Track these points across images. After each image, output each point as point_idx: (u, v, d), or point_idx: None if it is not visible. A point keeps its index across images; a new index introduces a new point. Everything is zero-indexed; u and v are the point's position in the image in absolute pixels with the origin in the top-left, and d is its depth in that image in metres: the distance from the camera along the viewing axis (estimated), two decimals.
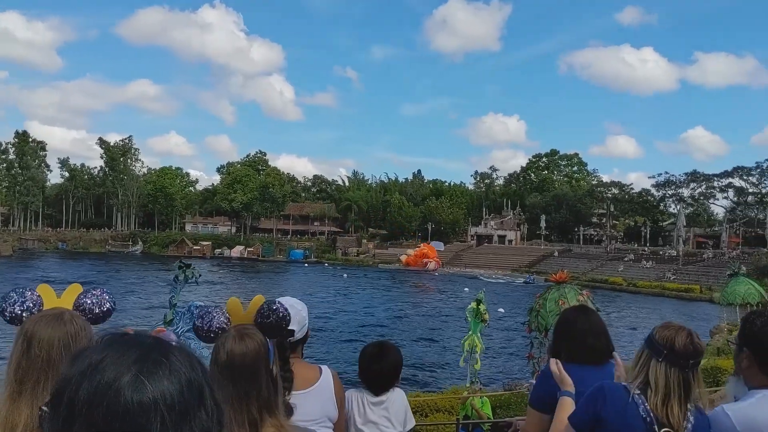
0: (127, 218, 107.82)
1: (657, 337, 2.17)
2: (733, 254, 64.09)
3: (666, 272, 62.48)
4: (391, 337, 27.01)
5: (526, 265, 77.08)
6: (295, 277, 64.51)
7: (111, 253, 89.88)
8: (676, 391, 2.08)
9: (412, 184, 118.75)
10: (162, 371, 0.79)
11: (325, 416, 2.78)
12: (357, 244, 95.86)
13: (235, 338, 1.91)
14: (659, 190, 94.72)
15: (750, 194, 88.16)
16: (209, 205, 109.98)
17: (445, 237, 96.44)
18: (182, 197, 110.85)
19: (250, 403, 1.81)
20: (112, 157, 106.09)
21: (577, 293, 10.83)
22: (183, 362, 0.82)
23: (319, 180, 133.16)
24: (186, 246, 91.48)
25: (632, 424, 2.10)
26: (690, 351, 2.11)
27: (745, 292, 20.47)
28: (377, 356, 3.43)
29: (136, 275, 56.58)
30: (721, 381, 14.74)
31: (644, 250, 76.66)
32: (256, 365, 1.86)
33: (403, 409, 3.48)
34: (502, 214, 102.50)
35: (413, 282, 62.55)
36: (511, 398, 10.65)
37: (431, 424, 9.89)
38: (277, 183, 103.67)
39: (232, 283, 54.16)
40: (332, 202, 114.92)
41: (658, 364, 2.11)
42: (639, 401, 2.11)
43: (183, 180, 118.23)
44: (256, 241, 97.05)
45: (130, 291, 42.70)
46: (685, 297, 51.53)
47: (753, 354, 2.19)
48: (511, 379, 16.11)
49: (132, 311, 32.83)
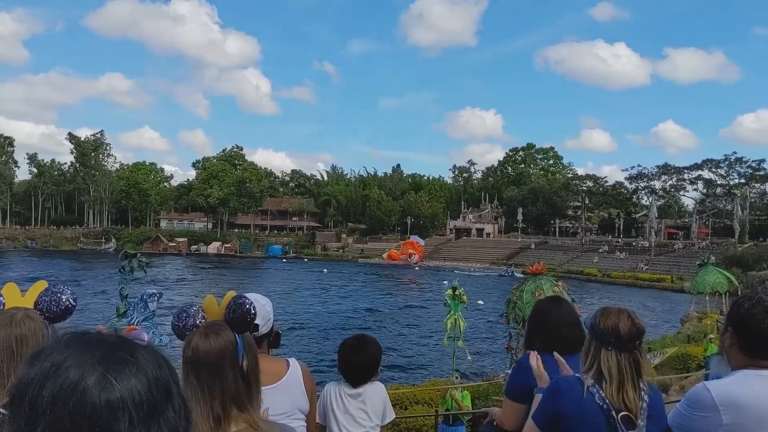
0: (99, 215, 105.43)
1: (601, 326, 2.22)
2: (702, 245, 65.43)
3: (639, 263, 63.54)
4: (370, 331, 27.14)
5: (504, 257, 77.75)
6: (274, 273, 64.15)
7: (83, 251, 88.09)
8: (629, 375, 2.15)
9: (391, 178, 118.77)
10: (129, 369, 0.78)
11: (296, 409, 2.80)
12: (336, 239, 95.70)
13: (201, 335, 1.90)
14: (632, 183, 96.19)
15: (718, 186, 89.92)
16: (185, 200, 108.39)
17: (425, 231, 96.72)
18: (157, 193, 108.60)
19: (214, 398, 1.81)
20: (83, 153, 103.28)
21: (553, 284, 11.06)
22: (149, 360, 0.82)
23: (297, 175, 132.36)
24: (161, 243, 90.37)
25: (590, 414, 2.15)
26: (634, 333, 2.18)
27: (714, 281, 20.95)
28: (356, 349, 3.44)
29: (109, 273, 55.78)
30: (691, 367, 15.17)
31: (618, 242, 77.82)
32: (220, 361, 1.85)
33: (382, 401, 3.49)
34: (480, 207, 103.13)
35: (393, 276, 62.71)
36: (489, 388, 10.84)
37: (411, 416, 9.99)
38: (254, 178, 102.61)
39: (208, 281, 53.74)
40: (311, 197, 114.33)
41: (609, 353, 2.18)
42: (594, 391, 2.16)
43: (157, 175, 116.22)
44: (234, 237, 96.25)
45: (103, 289, 42.09)
46: (657, 287, 52.54)
47: (735, 334, 2.26)
48: (489, 370, 16.35)
49: (104, 310, 32.44)
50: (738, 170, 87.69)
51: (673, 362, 15.52)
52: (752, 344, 2.22)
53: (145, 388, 0.77)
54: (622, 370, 2.16)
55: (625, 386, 2.15)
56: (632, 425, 2.14)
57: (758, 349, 2.21)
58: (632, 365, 2.17)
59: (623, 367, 2.16)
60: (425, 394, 11.28)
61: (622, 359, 2.17)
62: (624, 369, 2.16)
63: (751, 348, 2.22)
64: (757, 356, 2.21)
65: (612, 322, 2.19)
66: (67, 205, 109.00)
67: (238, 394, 1.84)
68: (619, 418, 2.13)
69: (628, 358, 2.17)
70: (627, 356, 2.17)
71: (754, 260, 50.51)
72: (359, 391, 3.40)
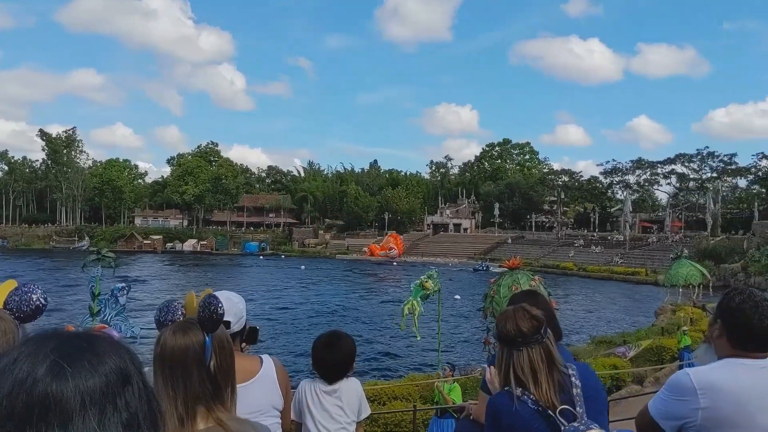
0: (72, 213, 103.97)
1: (504, 331, 2.25)
2: (676, 238, 66.44)
3: (614, 256, 64.38)
4: (347, 327, 27.08)
5: (481, 252, 78.22)
6: (251, 270, 63.76)
7: (56, 250, 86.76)
8: (541, 368, 2.18)
9: (368, 174, 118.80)
10: (83, 356, 0.79)
11: (270, 406, 2.77)
12: (314, 235, 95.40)
13: (170, 331, 1.87)
14: (607, 177, 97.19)
15: (691, 180, 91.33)
16: (159, 198, 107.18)
17: (402, 226, 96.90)
18: (131, 190, 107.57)
19: (177, 396, 1.77)
20: (55, 150, 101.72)
21: (530, 278, 11.11)
22: (106, 348, 0.82)
23: (273, 171, 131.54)
24: (136, 240, 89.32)
25: (531, 420, 2.15)
26: (536, 325, 2.21)
27: (687, 273, 21.26)
28: (330, 345, 3.43)
29: (82, 272, 54.87)
30: (666, 359, 15.38)
31: (593, 236, 78.72)
32: (184, 360, 1.81)
33: (357, 397, 3.48)
34: (457, 202, 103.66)
35: (371, 272, 62.70)
36: (467, 383, 10.85)
37: (389, 412, 9.98)
38: (230, 174, 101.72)
39: (184, 278, 53.21)
40: (287, 193, 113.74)
41: (520, 353, 2.20)
42: (525, 398, 2.17)
43: (131, 172, 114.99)
44: (210, 234, 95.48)
45: (76, 288, 41.49)
46: (632, 280, 53.25)
47: (725, 326, 2.34)
48: (467, 364, 16.38)
49: (77, 309, 31.94)
50: (710, 164, 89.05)
51: (647, 354, 15.71)
52: (741, 336, 2.31)
53: (100, 374, 0.77)
54: (534, 366, 2.18)
55: (539, 379, 2.17)
56: (573, 416, 2.15)
57: (745, 341, 2.30)
58: (543, 356, 2.19)
59: (536, 362, 2.18)
60: (403, 389, 11.27)
61: (533, 354, 2.19)
62: (536, 363, 2.18)
63: (739, 340, 2.31)
64: (743, 347, 2.30)
65: (512, 323, 2.23)
66: (39, 203, 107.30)
67: (204, 394, 1.79)
68: (557, 413, 2.13)
69: (538, 350, 2.19)
70: (537, 349, 2.20)
71: (726, 253, 51.60)
72: (335, 388, 3.39)
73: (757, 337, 2.28)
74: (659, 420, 2.35)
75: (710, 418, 2.21)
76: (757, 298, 2.32)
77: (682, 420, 2.26)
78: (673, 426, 2.31)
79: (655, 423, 2.36)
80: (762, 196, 78.38)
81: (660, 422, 2.35)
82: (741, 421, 2.19)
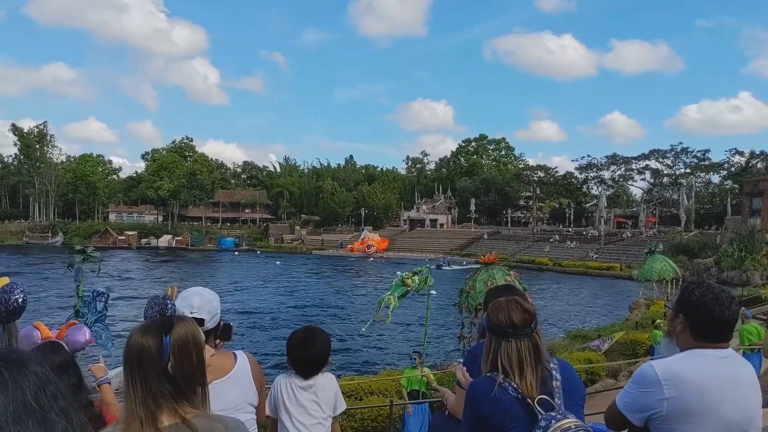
0: (45, 208, 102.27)
1: (496, 320, 2.30)
2: (650, 233, 67.36)
3: (589, 252, 65.07)
4: (323, 322, 27.03)
5: (457, 247, 78.54)
6: (226, 266, 63.27)
7: (29, 246, 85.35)
8: (527, 360, 2.24)
9: (344, 169, 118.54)
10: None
11: (245, 402, 2.77)
12: (290, 231, 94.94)
13: (134, 332, 1.83)
14: (582, 173, 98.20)
15: (665, 176, 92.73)
16: (134, 193, 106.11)
17: (379, 222, 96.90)
18: (105, 186, 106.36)
19: (137, 396, 1.74)
20: (27, 145, 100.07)
21: (505, 273, 11.18)
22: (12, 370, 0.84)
23: (249, 166, 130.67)
24: (110, 236, 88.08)
25: (509, 407, 2.21)
26: (527, 318, 2.28)
27: (660, 268, 21.66)
28: (305, 340, 3.42)
29: (57, 267, 54.09)
30: (640, 353, 15.58)
31: (569, 231, 79.47)
32: (140, 360, 1.78)
33: (333, 392, 3.49)
34: (434, 198, 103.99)
35: (347, 267, 62.62)
36: (443, 377, 10.89)
37: (366, 407, 9.98)
38: (205, 170, 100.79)
39: (159, 274, 52.61)
40: (263, 189, 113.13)
41: (509, 344, 2.26)
42: (506, 385, 2.23)
43: (105, 168, 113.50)
44: (185, 229, 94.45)
45: (51, 284, 40.88)
46: (607, 275, 53.86)
47: (687, 320, 2.38)
48: (442, 359, 16.46)
49: (52, 304, 31.49)
50: (684, 160, 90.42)
51: (622, 348, 15.91)
52: (703, 329, 2.36)
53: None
54: (522, 357, 2.24)
55: (524, 371, 2.23)
56: (551, 407, 2.20)
57: (708, 333, 2.36)
58: (530, 349, 2.25)
59: (523, 354, 2.24)
60: (380, 384, 11.27)
61: (521, 346, 2.25)
62: (524, 354, 2.24)
63: (701, 332, 2.36)
64: (705, 339, 2.36)
65: (504, 314, 2.29)
66: (11, 198, 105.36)
67: (162, 394, 1.74)
68: (535, 402, 2.19)
69: (526, 343, 2.25)
70: (526, 342, 2.26)
71: (699, 248, 52.37)
72: (310, 383, 3.39)
73: (719, 328, 2.35)
74: (626, 413, 2.39)
75: (675, 408, 2.25)
76: (716, 290, 2.38)
77: (648, 411, 2.31)
78: (639, 418, 2.36)
79: (623, 416, 2.40)
80: (734, 191, 79.78)
81: (627, 415, 2.39)
82: (705, 410, 2.25)
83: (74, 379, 2.47)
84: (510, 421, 2.21)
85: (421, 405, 9.20)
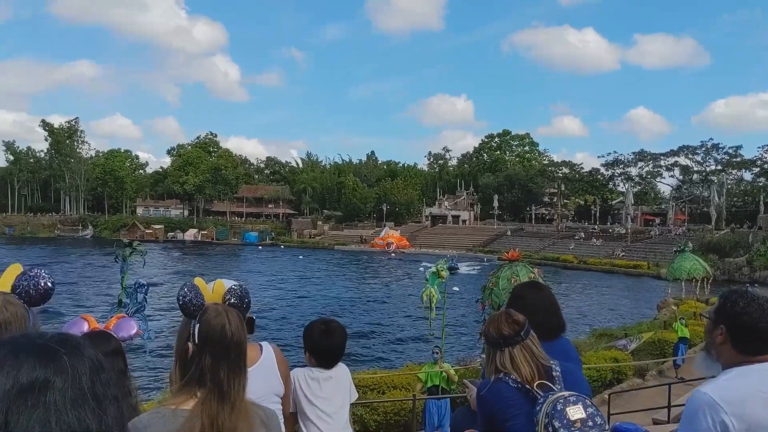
0: (75, 202, 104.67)
1: (488, 334, 2.51)
2: (679, 231, 66.31)
3: (615, 249, 64.28)
4: (345, 316, 27.11)
5: (480, 244, 78.20)
6: (250, 260, 63.83)
7: (61, 238, 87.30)
8: (521, 363, 2.40)
9: (366, 165, 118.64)
10: (10, 356, 0.84)
11: (271, 392, 2.80)
12: (312, 226, 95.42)
13: (228, 315, 1.91)
14: (608, 169, 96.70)
15: (695, 172, 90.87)
16: (160, 188, 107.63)
17: (400, 218, 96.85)
18: (132, 180, 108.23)
19: (240, 379, 1.84)
20: (58, 140, 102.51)
21: (529, 271, 11.03)
22: (38, 351, 0.86)
23: (272, 162, 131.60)
24: (138, 230, 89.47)
25: (511, 397, 2.37)
26: (516, 329, 2.45)
27: (690, 267, 21.22)
28: (328, 332, 3.48)
29: (88, 259, 55.12)
30: (668, 353, 15.31)
31: (594, 228, 78.62)
32: (243, 342, 1.89)
33: (349, 381, 3.59)
34: (456, 194, 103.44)
35: (368, 263, 62.72)
36: (465, 374, 10.79)
37: (389, 400, 9.96)
38: (229, 165, 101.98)
39: (186, 267, 53.23)
40: (286, 184, 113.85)
41: (503, 353, 2.44)
42: (505, 378, 2.40)
43: (132, 163, 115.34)
44: (210, 224, 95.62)
45: (84, 275, 41.71)
46: (633, 273, 53.12)
47: (729, 332, 2.23)
48: (464, 355, 16.35)
49: (86, 295, 32.13)
50: (715, 156, 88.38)
51: (649, 347, 15.64)
52: (748, 341, 2.21)
53: (14, 374, 0.82)
54: (516, 361, 2.41)
55: (521, 368, 2.40)
56: (550, 390, 2.33)
57: (753, 346, 2.21)
58: (524, 353, 2.42)
59: (517, 359, 2.41)
60: (402, 378, 11.24)
61: (515, 352, 2.42)
62: (517, 360, 2.41)
63: (746, 344, 2.21)
64: (750, 352, 2.20)
65: (494, 327, 2.49)
66: (43, 192, 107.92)
67: (237, 373, 1.86)
68: (535, 386, 2.34)
69: (519, 349, 2.43)
70: (518, 348, 2.43)
71: (730, 247, 51.28)
72: (331, 374, 3.47)
73: (764, 340, 2.21)
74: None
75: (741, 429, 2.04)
76: (761, 301, 2.25)
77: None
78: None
79: None
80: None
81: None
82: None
83: (121, 365, 2.51)
84: (515, 409, 2.35)
85: (441, 401, 9.12)
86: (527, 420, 2.31)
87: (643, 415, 10.19)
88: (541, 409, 2.25)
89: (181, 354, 1.92)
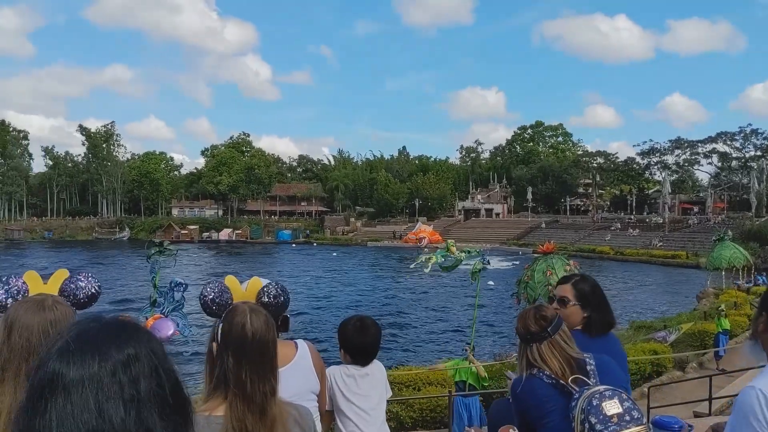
0: (112, 205, 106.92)
1: (517, 330, 2.54)
2: (718, 219, 64.69)
3: (653, 239, 63.05)
4: (378, 312, 27.17)
5: (514, 237, 77.58)
6: (284, 258, 64.42)
7: (98, 241, 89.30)
8: (550, 358, 2.42)
9: (397, 160, 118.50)
10: (92, 339, 0.86)
11: (307, 390, 2.82)
12: (345, 223, 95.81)
13: (251, 313, 1.90)
14: (644, 158, 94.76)
15: (734, 159, 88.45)
16: (195, 188, 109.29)
17: (433, 212, 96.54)
18: (167, 182, 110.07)
19: (266, 380, 1.81)
20: (95, 144, 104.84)
21: (565, 263, 10.91)
22: (120, 334, 0.88)
23: (304, 160, 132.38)
24: (173, 230, 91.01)
25: (546, 392, 2.38)
26: (543, 324, 2.46)
27: (730, 256, 20.72)
28: (363, 329, 3.49)
29: (125, 261, 56.33)
30: (708, 344, 15.00)
31: (630, 219, 77.22)
32: (268, 342, 1.87)
33: (384, 378, 3.59)
34: (489, 187, 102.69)
35: (401, 259, 62.72)
36: (502, 369, 10.74)
37: (425, 397, 9.97)
38: (262, 164, 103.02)
39: (221, 267, 54.00)
40: (318, 182, 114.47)
41: (530, 348, 2.46)
42: (539, 374, 2.41)
43: (167, 164, 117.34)
44: (244, 223, 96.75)
45: (121, 276, 42.60)
46: (672, 263, 52.08)
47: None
48: (500, 350, 16.28)
49: (124, 297, 32.76)
50: (754, 142, 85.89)
51: (689, 339, 15.34)
52: None
53: (103, 357, 0.84)
54: (544, 356, 2.43)
55: (552, 363, 2.41)
56: (586, 385, 2.33)
57: None
58: (552, 349, 2.44)
59: (545, 354, 2.43)
60: (438, 374, 11.22)
61: (543, 348, 2.44)
62: (545, 355, 2.43)
63: None
64: None
65: (522, 323, 2.52)
66: (81, 195, 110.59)
67: (268, 373, 1.85)
68: (570, 381, 2.35)
69: (547, 344, 2.44)
70: (546, 344, 2.44)
71: None
72: (367, 371, 3.47)
73: None
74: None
75: None
76: None
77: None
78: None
79: None
80: None
81: None
82: None
83: None
84: (549, 403, 2.36)
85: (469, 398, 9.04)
86: (563, 416, 2.31)
87: (683, 408, 10.02)
88: (577, 405, 2.24)
89: (208, 355, 1.92)
